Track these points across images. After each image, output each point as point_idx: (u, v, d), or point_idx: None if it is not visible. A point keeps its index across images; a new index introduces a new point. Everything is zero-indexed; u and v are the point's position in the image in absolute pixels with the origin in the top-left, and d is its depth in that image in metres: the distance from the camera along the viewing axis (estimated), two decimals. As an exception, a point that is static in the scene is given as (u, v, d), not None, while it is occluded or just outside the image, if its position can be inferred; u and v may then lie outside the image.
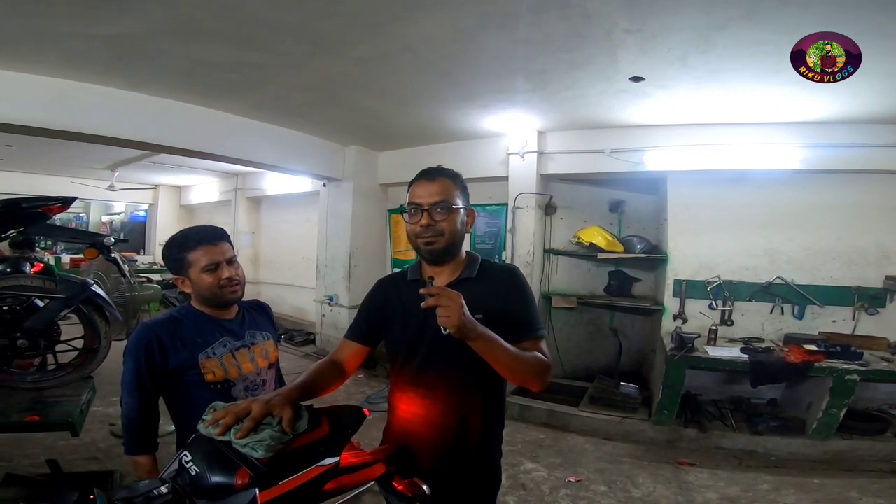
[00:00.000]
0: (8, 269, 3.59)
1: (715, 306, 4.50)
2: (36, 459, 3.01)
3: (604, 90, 3.70)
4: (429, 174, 1.43)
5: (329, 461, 1.12)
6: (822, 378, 3.63)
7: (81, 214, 12.34)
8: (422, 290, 1.19)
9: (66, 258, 8.24)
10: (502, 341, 1.25)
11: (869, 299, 4.12)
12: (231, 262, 1.64)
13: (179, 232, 1.71)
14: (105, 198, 9.76)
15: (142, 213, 11.43)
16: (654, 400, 4.14)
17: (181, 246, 1.62)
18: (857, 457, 3.58)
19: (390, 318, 1.48)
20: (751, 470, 3.45)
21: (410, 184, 1.44)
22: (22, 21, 2.77)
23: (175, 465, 1.12)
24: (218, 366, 1.60)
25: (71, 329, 2.84)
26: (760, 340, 4.24)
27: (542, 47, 3.03)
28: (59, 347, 2.73)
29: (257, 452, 1.06)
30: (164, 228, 9.73)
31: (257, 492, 0.99)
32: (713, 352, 3.94)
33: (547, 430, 4.09)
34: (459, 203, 1.42)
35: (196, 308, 1.67)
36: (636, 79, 3.43)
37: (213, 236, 1.64)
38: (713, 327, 4.22)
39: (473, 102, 4.23)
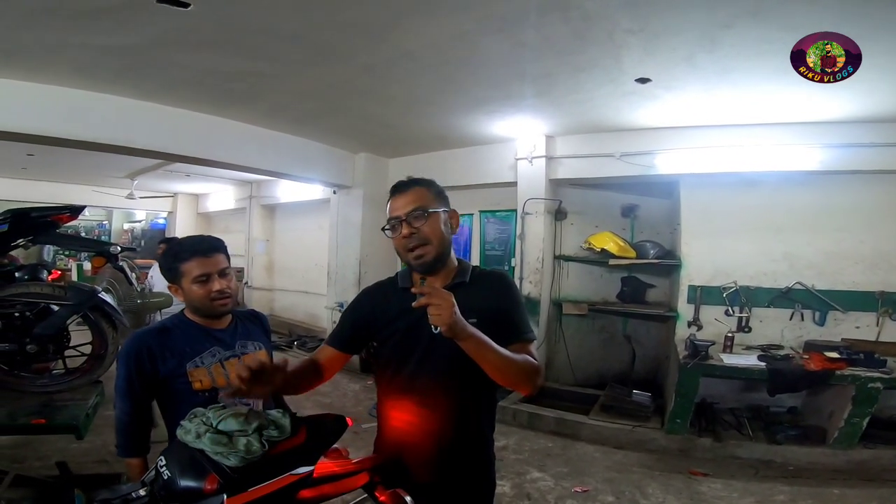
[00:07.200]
0: (26, 276, 3.70)
1: (731, 312, 4.38)
2: (47, 461, 3.06)
3: (610, 92, 3.65)
4: (400, 187, 1.43)
5: (303, 470, 1.12)
6: (844, 386, 3.52)
7: (104, 222, 12.73)
8: (413, 289, 1.19)
9: (87, 265, 8.47)
10: (493, 343, 1.24)
11: (893, 304, 3.97)
12: (223, 274, 1.65)
13: (176, 241, 1.73)
14: (126, 206, 10.03)
15: (161, 221, 11.70)
16: (667, 408, 4.04)
17: (175, 256, 1.64)
18: (879, 466, 3.45)
19: (379, 326, 1.46)
20: (767, 480, 3.33)
21: (388, 202, 1.45)
22: (32, 32, 2.86)
23: (154, 470, 1.14)
24: (206, 374, 1.60)
25: (79, 335, 2.91)
26: (780, 347, 4.12)
27: (544, 51, 3.01)
28: (67, 353, 2.79)
29: (229, 460, 1.06)
30: (182, 236, 9.92)
31: (225, 497, 1.00)
32: (728, 359, 3.84)
33: (556, 438, 4.02)
34: (437, 207, 1.42)
35: (188, 317, 1.69)
36: (642, 80, 3.38)
37: (208, 248, 1.65)
38: (729, 334, 4.12)
39: (480, 108, 4.22)
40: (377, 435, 1.54)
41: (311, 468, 1.14)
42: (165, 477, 1.06)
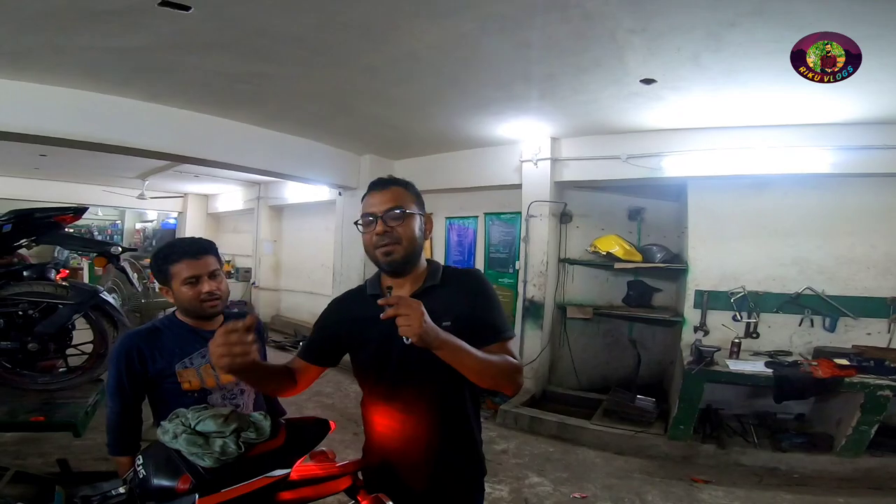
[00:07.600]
0: (33, 276, 3.76)
1: (739, 318, 4.30)
2: (49, 458, 3.09)
3: (615, 93, 3.61)
4: (379, 184, 1.39)
5: (278, 472, 1.11)
6: (853, 393, 3.44)
7: (117, 222, 12.90)
8: (380, 301, 1.14)
9: (99, 265, 8.58)
10: (469, 347, 1.21)
11: (905, 311, 3.86)
12: (213, 275, 1.66)
13: (167, 243, 1.74)
14: (138, 206, 10.16)
15: (172, 221, 11.84)
16: (671, 414, 3.98)
17: (165, 258, 1.65)
18: (887, 474, 3.38)
19: (351, 337, 1.42)
20: (770, 488, 3.27)
21: (363, 198, 1.41)
22: (40, 35, 2.90)
23: (133, 469, 1.15)
24: (195, 375, 1.61)
25: (83, 334, 2.93)
26: (788, 354, 4.03)
27: (546, 51, 2.98)
28: (69, 351, 2.82)
29: (204, 461, 1.06)
30: (193, 235, 10.01)
31: (197, 497, 1.00)
32: (734, 365, 3.76)
33: (557, 442, 3.97)
34: (414, 209, 1.38)
35: (179, 318, 1.71)
36: (647, 81, 3.33)
37: (198, 250, 1.66)
38: (736, 340, 4.03)
39: (484, 110, 4.20)
40: (365, 441, 1.53)
41: (287, 471, 1.13)
42: (141, 476, 1.07)
